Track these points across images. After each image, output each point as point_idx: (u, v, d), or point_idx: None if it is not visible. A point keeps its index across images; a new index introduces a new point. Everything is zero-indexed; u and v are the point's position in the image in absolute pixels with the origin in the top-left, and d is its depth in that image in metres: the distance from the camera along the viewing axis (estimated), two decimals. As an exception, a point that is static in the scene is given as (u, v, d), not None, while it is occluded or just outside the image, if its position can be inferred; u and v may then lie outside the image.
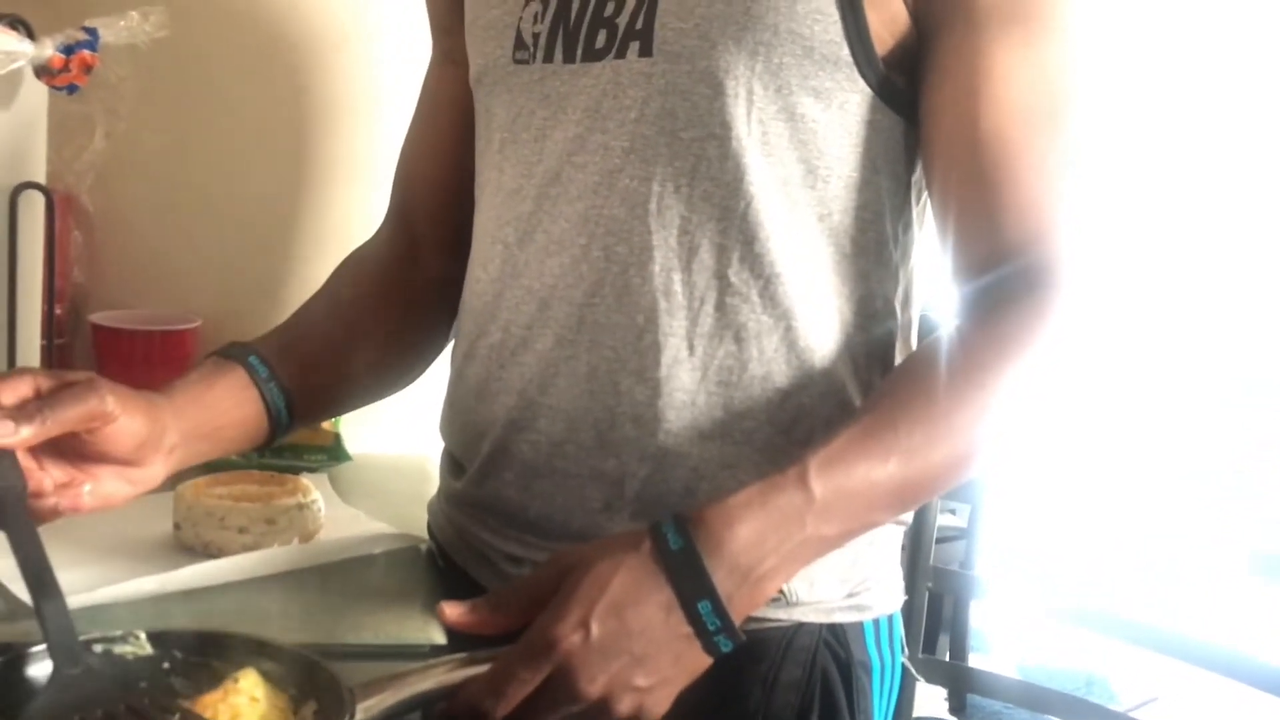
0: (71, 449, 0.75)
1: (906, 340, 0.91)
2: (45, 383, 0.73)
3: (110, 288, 1.46)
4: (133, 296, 1.46)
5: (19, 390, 0.72)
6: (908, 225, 0.89)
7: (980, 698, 2.95)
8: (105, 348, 1.40)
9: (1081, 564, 3.30)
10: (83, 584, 0.85)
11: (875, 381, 0.88)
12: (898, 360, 0.90)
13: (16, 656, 0.68)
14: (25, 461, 0.73)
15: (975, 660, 2.96)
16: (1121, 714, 1.61)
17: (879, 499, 0.77)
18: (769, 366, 0.84)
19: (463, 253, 0.97)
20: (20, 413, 0.70)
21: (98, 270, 1.46)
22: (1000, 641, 3.26)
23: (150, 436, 0.78)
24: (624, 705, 0.70)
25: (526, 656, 0.69)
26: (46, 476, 0.75)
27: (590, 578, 0.70)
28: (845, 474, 0.74)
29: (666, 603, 0.70)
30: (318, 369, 0.94)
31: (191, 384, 0.86)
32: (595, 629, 0.69)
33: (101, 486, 0.77)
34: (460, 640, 0.76)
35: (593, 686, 0.69)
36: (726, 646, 0.71)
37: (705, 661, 0.72)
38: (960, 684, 2.57)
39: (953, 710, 2.98)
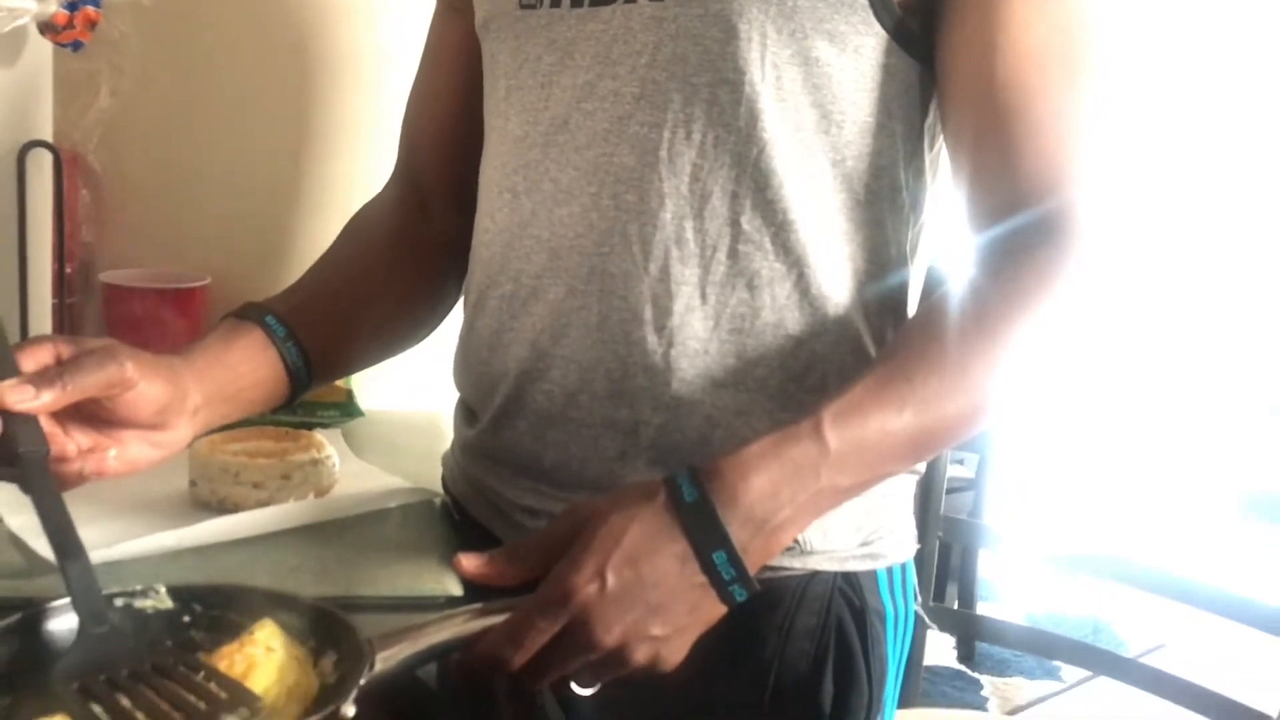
0: (94, 415, 0.76)
1: (917, 289, 0.91)
2: (65, 349, 0.74)
3: (119, 246, 1.46)
4: (141, 255, 1.46)
5: (39, 357, 0.73)
6: (920, 173, 0.88)
7: (989, 645, 2.99)
8: (115, 306, 1.41)
9: (1086, 512, 3.31)
10: (100, 540, 0.85)
11: (888, 330, 0.88)
12: (910, 309, 0.90)
13: (39, 612, 0.68)
14: (49, 427, 0.73)
15: (983, 608, 2.99)
16: (1128, 659, 1.62)
17: (894, 450, 0.76)
18: (781, 314, 0.84)
19: (471, 206, 0.97)
20: (41, 378, 0.71)
21: (106, 229, 1.45)
22: (1008, 590, 3.29)
23: (172, 401, 0.78)
24: (640, 654, 0.71)
25: (543, 607, 0.69)
26: (70, 441, 0.75)
27: (606, 529, 0.70)
28: (860, 425, 0.74)
29: (682, 553, 0.70)
30: (332, 327, 0.94)
31: (210, 347, 0.86)
32: (611, 579, 0.69)
33: (127, 451, 0.78)
34: (476, 592, 0.77)
35: (609, 636, 0.69)
36: (741, 596, 0.71)
37: (720, 610, 0.72)
38: (969, 632, 2.59)
39: (961, 658, 3.00)
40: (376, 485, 1.05)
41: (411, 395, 1.38)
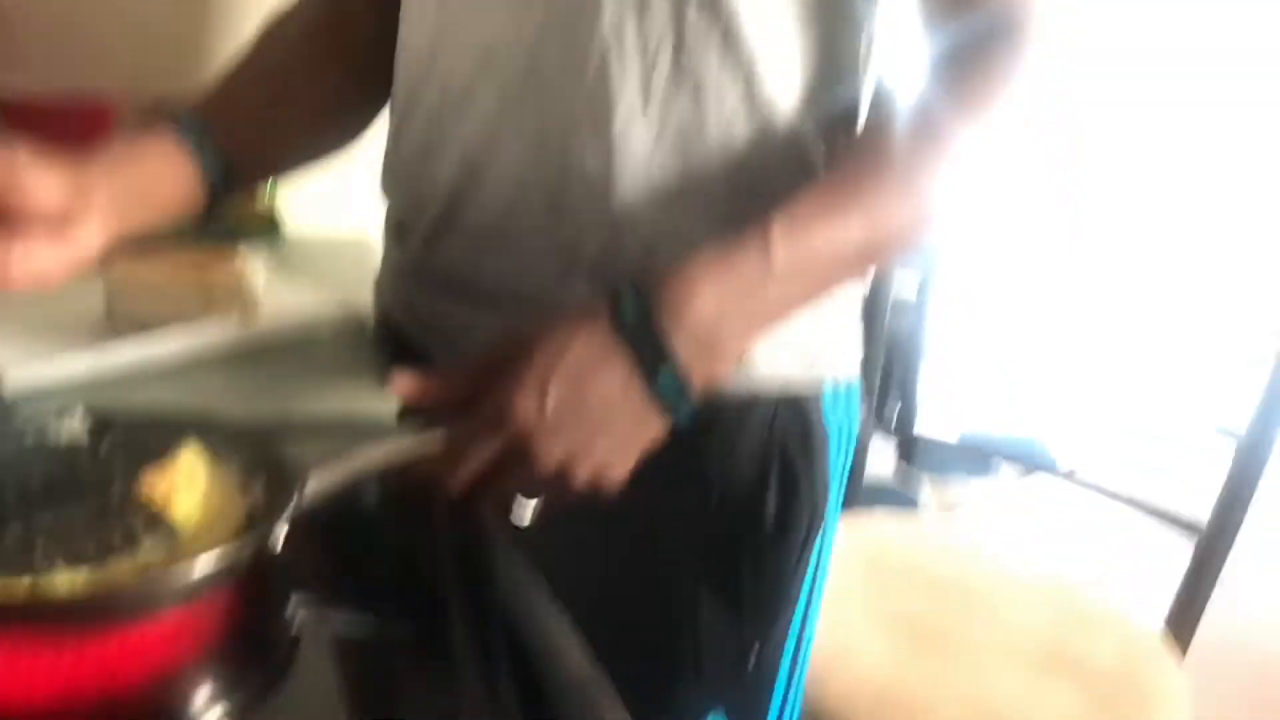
0: None
1: (868, 101, 0.87)
2: None
3: (21, 59, 1.38)
4: (46, 68, 1.38)
5: None
6: None
7: (926, 457, 3.06)
8: (19, 123, 1.34)
9: (1027, 332, 3.37)
10: (12, 363, 0.82)
11: (839, 142, 0.85)
12: (860, 122, 0.87)
13: None
14: None
15: (922, 427, 3.04)
16: (1064, 471, 1.66)
17: (840, 261, 0.75)
18: (728, 125, 0.80)
19: (395, 6, 0.91)
20: None
21: (5, 41, 1.37)
22: (947, 409, 3.35)
23: (75, 194, 0.74)
24: (583, 471, 0.70)
25: (483, 425, 0.68)
26: None
27: (547, 348, 0.69)
28: (807, 238, 0.72)
29: (625, 371, 0.69)
30: (250, 134, 0.89)
31: (118, 148, 0.81)
32: (552, 398, 0.68)
33: (34, 256, 0.73)
34: (414, 413, 0.75)
35: (551, 454, 0.69)
36: (685, 413, 0.71)
37: (663, 428, 0.71)
38: (909, 450, 2.65)
39: (900, 458, 3.07)
40: (304, 306, 1.02)
41: (338, 213, 1.33)
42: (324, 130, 0.96)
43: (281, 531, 0.61)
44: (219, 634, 0.61)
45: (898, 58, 0.88)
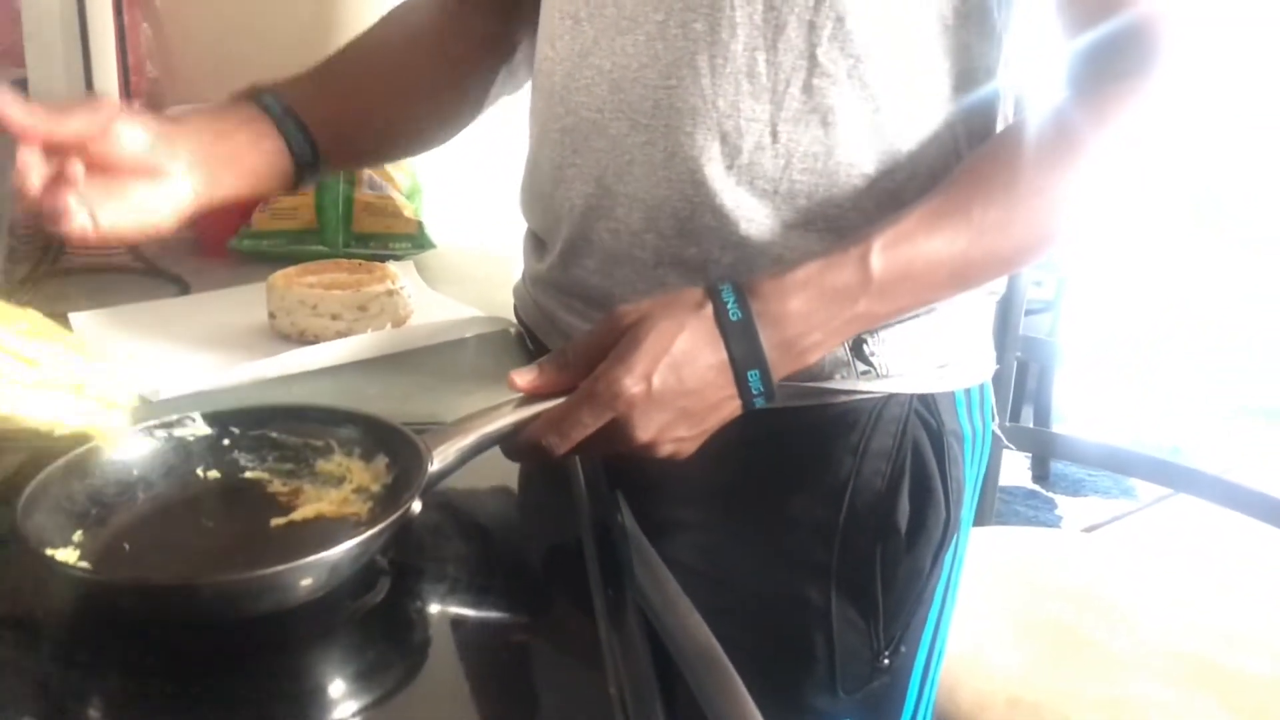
0: (97, 165, 0.76)
1: (1002, 114, 0.87)
2: None
3: (184, 81, 1.46)
4: (206, 89, 1.44)
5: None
6: None
7: (1064, 465, 2.99)
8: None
9: (1163, 336, 3.26)
10: (186, 374, 0.87)
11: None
12: (998, 131, 0.86)
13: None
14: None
15: (1058, 430, 2.97)
16: (1204, 473, 1.61)
17: (940, 280, 0.76)
18: (857, 151, 0.80)
19: (513, 11, 0.94)
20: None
21: (170, 64, 1.45)
22: (1083, 413, 3.27)
23: (162, 143, 0.79)
24: (664, 451, 0.74)
25: (592, 404, 0.71)
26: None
27: (655, 334, 0.71)
28: (908, 254, 0.73)
29: (720, 366, 0.72)
30: (347, 114, 0.92)
31: (198, 111, 0.86)
32: (656, 383, 0.71)
33: (130, 198, 0.78)
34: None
35: (644, 434, 0.72)
36: (762, 405, 0.74)
37: (738, 414, 0.75)
38: (1046, 451, 2.59)
39: (1036, 479, 3.01)
40: (452, 315, 1.06)
41: (479, 228, 1.38)
42: (424, 125, 0.99)
43: (417, 507, 0.64)
44: (362, 621, 0.63)
45: (1031, 67, 0.87)
